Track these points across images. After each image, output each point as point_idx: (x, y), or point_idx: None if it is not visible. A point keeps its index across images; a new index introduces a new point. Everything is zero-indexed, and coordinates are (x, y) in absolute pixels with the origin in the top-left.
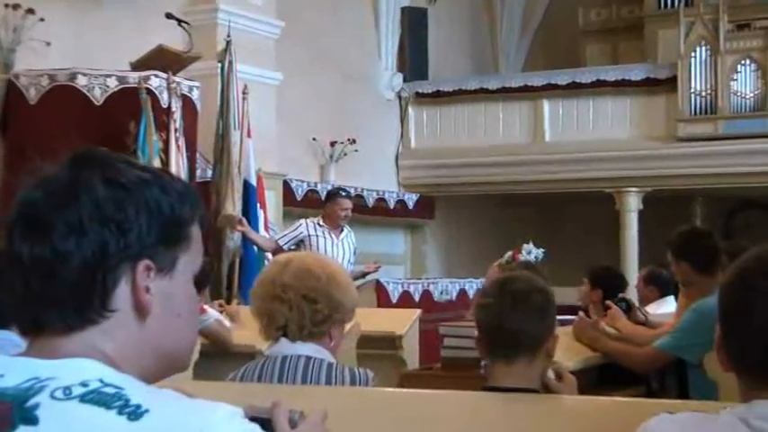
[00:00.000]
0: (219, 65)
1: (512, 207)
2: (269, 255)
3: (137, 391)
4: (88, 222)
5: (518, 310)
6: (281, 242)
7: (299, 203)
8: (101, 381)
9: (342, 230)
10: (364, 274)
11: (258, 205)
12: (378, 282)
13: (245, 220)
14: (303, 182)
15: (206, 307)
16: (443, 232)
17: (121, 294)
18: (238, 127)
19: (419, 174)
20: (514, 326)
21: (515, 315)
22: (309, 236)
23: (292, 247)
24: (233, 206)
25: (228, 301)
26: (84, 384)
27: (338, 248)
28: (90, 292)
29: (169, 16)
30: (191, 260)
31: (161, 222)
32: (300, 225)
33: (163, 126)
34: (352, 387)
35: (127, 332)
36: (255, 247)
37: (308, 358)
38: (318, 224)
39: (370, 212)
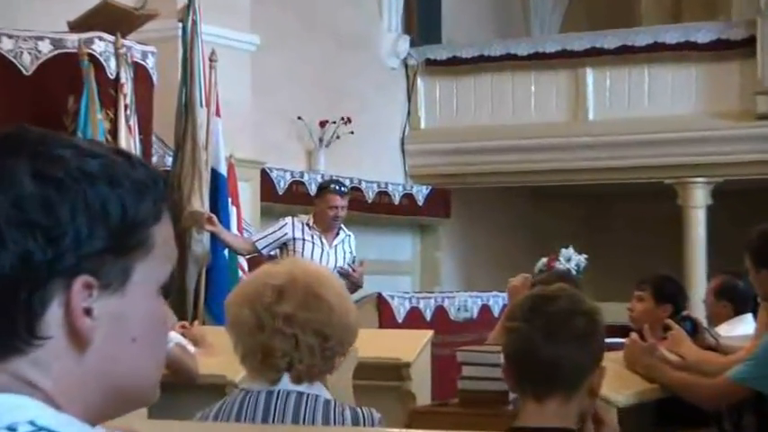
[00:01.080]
0: (181, 25)
1: (547, 203)
2: (243, 260)
3: None
4: (5, 227)
5: (555, 338)
6: (259, 245)
7: (280, 198)
8: (32, 423)
9: (337, 234)
10: (352, 284)
11: (229, 201)
12: (379, 296)
13: (215, 218)
14: (286, 171)
15: None
16: (461, 234)
17: (53, 318)
18: (205, 103)
19: (431, 161)
20: (549, 356)
21: (551, 343)
22: (294, 239)
23: (273, 252)
24: (200, 202)
25: (192, 320)
26: (11, 429)
27: (328, 257)
28: (12, 315)
29: None
30: (153, 268)
31: (107, 226)
32: (285, 225)
33: (110, 102)
34: (355, 429)
35: (63, 364)
36: (226, 251)
37: (300, 394)
38: (308, 225)
39: (369, 209)
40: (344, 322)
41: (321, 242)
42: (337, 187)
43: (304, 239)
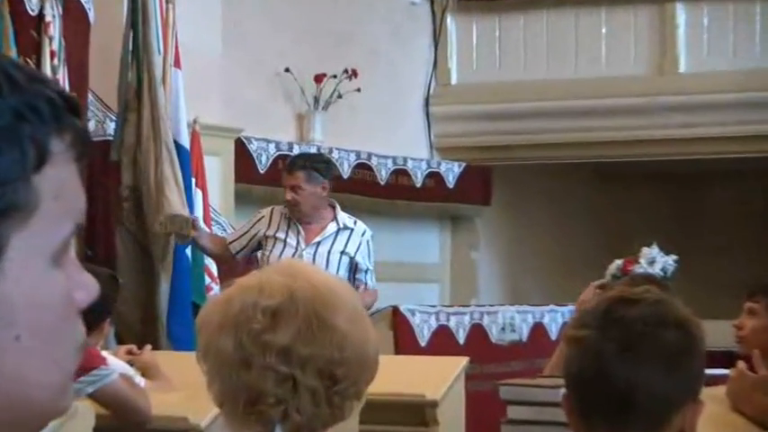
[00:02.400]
0: None
1: (621, 186)
2: (210, 261)
3: None
4: None
5: (633, 355)
6: (233, 247)
7: (261, 178)
8: None
9: (325, 227)
10: None
11: (193, 182)
12: (395, 311)
13: (199, 221)
14: (269, 143)
15: (107, 355)
16: (505, 228)
17: None
18: (161, 51)
19: (465, 129)
20: (625, 379)
21: (628, 362)
22: (266, 237)
23: (250, 255)
24: (177, 194)
25: (141, 343)
26: None
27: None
28: None
29: None
30: (40, 234)
31: None
32: (260, 219)
33: (31, 46)
34: None
35: None
36: (189, 250)
37: None
38: (286, 216)
39: (382, 194)
40: (361, 356)
41: (297, 239)
42: (288, 162)
43: (276, 237)
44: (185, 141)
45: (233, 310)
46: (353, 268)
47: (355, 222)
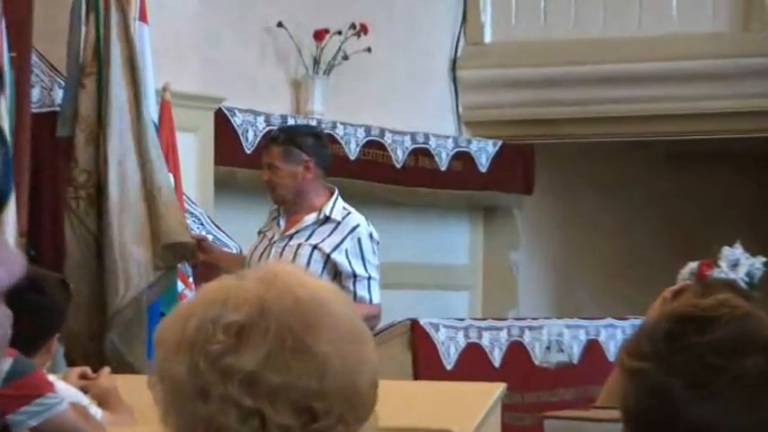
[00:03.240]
0: None
1: (696, 170)
2: (184, 267)
3: None
4: None
5: (708, 390)
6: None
7: (248, 159)
8: None
9: (302, 219)
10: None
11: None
12: (414, 325)
13: (207, 240)
14: (257, 115)
15: (55, 380)
16: (552, 221)
17: None
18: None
19: (501, 98)
20: (697, 420)
21: (701, 399)
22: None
23: None
24: (167, 196)
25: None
26: None
27: (267, 257)
28: None
29: None
30: None
31: None
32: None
33: None
34: None
35: None
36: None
37: None
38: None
39: (398, 179)
40: (348, 387)
41: (274, 232)
42: (274, 136)
43: (261, 232)
44: (152, 114)
45: (190, 325)
46: (333, 272)
47: (347, 214)
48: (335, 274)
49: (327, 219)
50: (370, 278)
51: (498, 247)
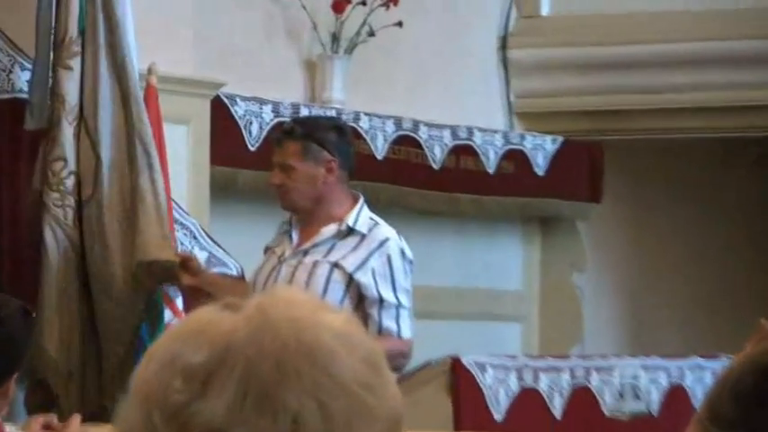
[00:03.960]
0: None
1: None
2: (174, 293)
3: None
4: None
5: None
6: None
7: (252, 158)
8: None
9: (320, 231)
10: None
11: None
12: (456, 364)
13: (196, 259)
14: (263, 103)
15: (11, 431)
16: (626, 236)
17: None
18: None
19: (561, 84)
20: None
21: None
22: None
23: None
24: (152, 207)
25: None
26: None
27: (285, 282)
28: None
29: None
30: None
31: None
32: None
33: None
34: None
35: None
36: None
37: None
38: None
39: (435, 183)
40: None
41: (284, 247)
42: (287, 130)
43: (270, 249)
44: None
45: (149, 368)
46: (357, 296)
47: (375, 226)
48: (359, 299)
49: (351, 231)
50: (399, 306)
51: (559, 267)
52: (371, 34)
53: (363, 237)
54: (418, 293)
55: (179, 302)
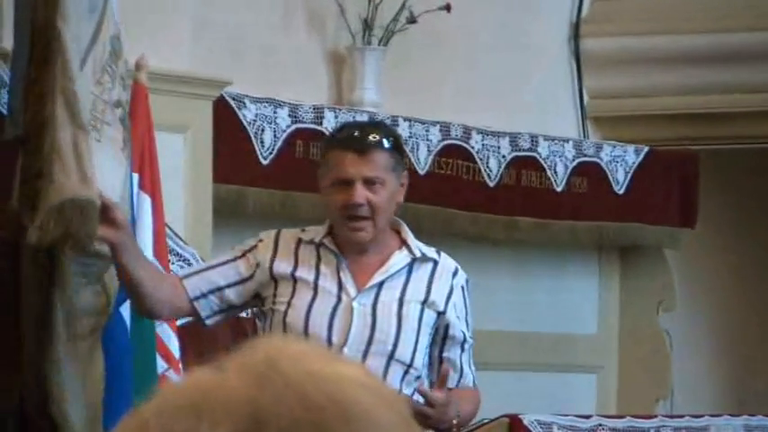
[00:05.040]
0: None
1: None
2: (167, 329)
3: None
4: None
5: None
6: (192, 291)
7: (266, 173)
8: None
9: (388, 258)
10: (424, 419)
11: (135, 179)
12: (514, 421)
13: (118, 212)
14: (278, 106)
15: None
16: (723, 269)
17: None
18: None
19: (645, 82)
20: None
21: None
22: (276, 279)
23: (239, 315)
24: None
25: None
26: None
27: (350, 324)
28: None
29: None
30: None
31: None
32: (257, 246)
33: None
34: None
35: None
36: (126, 310)
37: None
38: (321, 244)
39: (491, 204)
40: None
41: (339, 282)
42: (352, 134)
43: (296, 278)
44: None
45: None
46: (442, 339)
47: (439, 253)
48: (443, 341)
49: (423, 257)
50: (471, 347)
51: (642, 306)
52: (412, 21)
53: (436, 264)
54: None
55: (173, 345)
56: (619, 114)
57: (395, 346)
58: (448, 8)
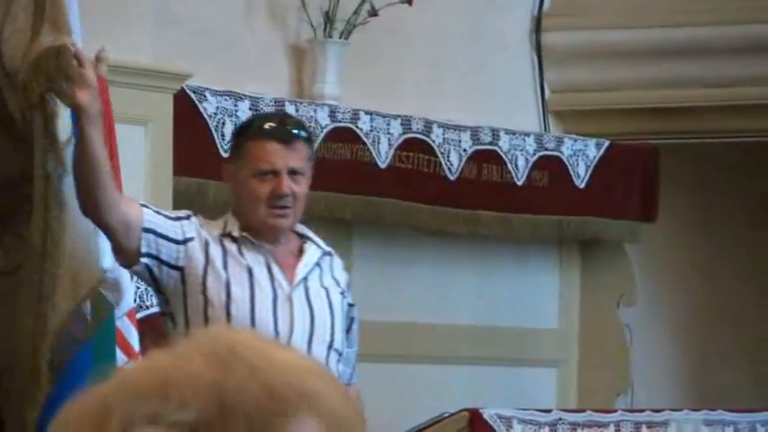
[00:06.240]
0: None
1: None
2: (128, 331)
3: None
4: None
5: None
6: (147, 220)
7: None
8: None
9: (300, 252)
10: None
11: None
12: (474, 416)
13: (81, 52)
14: (239, 99)
15: None
16: (683, 263)
17: None
18: None
19: (606, 76)
20: None
21: None
22: (209, 259)
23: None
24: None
25: None
26: None
27: (291, 316)
28: None
29: None
30: None
31: None
32: (189, 219)
33: None
34: None
35: None
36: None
37: None
38: (228, 235)
39: (450, 197)
40: None
41: (269, 273)
42: (273, 125)
43: (228, 272)
44: None
45: (111, 427)
46: (348, 326)
47: (322, 242)
48: (349, 329)
49: (326, 252)
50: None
51: (603, 300)
52: (374, 14)
53: (332, 256)
54: (430, 333)
55: (132, 338)
56: (580, 108)
57: (332, 335)
58: (409, 1)
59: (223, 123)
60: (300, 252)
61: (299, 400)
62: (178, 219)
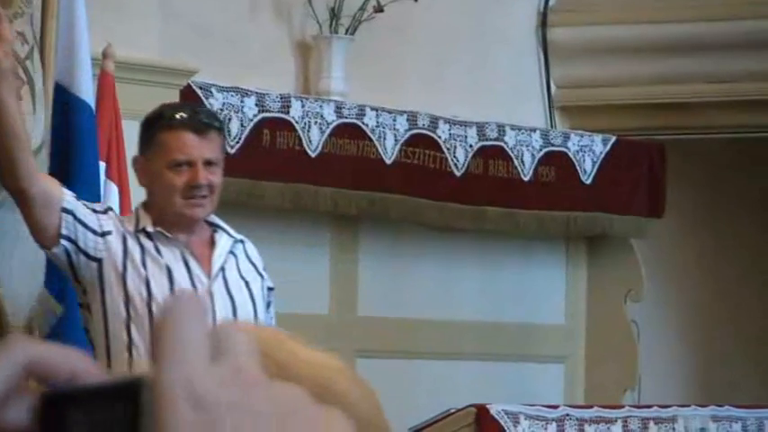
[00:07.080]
0: None
1: None
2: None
3: None
4: None
5: None
6: (67, 202)
7: (232, 162)
8: None
9: (210, 241)
10: None
11: (102, 168)
12: (481, 411)
13: (9, 32)
14: (245, 95)
15: None
16: (691, 259)
17: None
18: None
19: (613, 71)
20: None
21: None
22: (127, 251)
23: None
24: None
25: None
26: None
27: (206, 306)
28: None
29: None
30: None
31: None
32: (108, 212)
33: None
34: None
35: None
36: None
37: None
38: (143, 231)
39: (457, 193)
40: None
41: (186, 265)
42: (185, 115)
43: (147, 268)
44: (86, 92)
45: None
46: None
47: (234, 231)
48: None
49: (237, 239)
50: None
51: (610, 296)
52: (379, 10)
53: (244, 243)
54: (437, 328)
55: None
56: (586, 104)
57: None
58: None
59: (229, 119)
60: (212, 242)
61: (329, 399)
62: (95, 212)
